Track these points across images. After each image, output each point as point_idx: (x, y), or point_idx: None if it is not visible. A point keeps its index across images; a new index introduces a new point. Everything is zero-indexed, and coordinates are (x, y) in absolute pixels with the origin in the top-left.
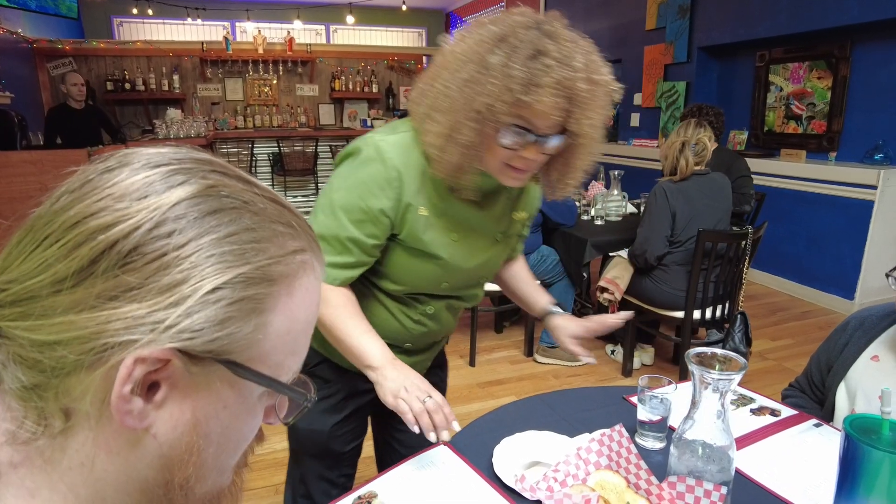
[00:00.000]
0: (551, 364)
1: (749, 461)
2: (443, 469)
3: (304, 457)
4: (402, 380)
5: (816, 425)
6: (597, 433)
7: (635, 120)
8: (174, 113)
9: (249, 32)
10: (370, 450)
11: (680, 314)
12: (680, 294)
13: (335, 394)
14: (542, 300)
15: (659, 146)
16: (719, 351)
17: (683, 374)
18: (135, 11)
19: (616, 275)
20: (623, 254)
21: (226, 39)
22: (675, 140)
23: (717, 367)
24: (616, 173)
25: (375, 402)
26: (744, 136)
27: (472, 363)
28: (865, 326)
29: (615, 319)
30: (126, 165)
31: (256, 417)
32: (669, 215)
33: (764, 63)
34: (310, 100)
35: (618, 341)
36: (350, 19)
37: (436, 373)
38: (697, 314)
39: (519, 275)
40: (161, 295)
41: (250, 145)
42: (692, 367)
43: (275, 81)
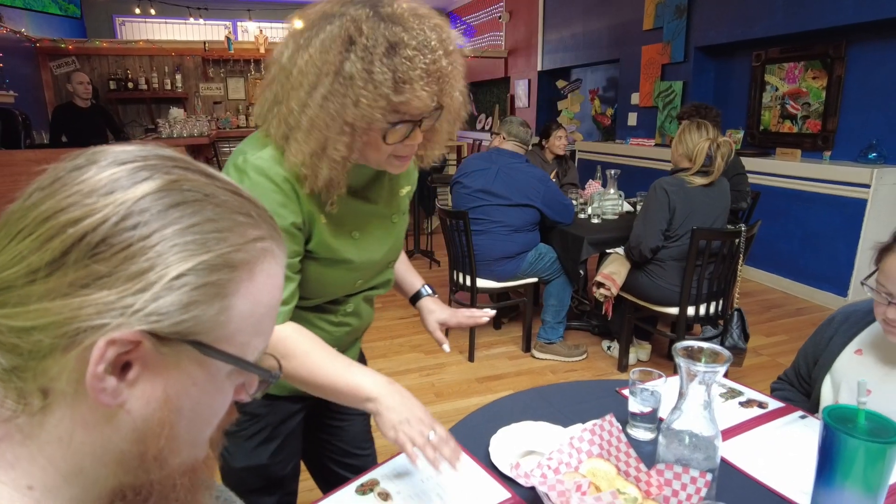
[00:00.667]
0: (549, 360)
1: (735, 451)
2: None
3: (248, 495)
4: (405, 411)
5: (802, 417)
6: (589, 423)
7: (632, 119)
8: (177, 112)
9: (251, 32)
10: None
11: (674, 310)
12: (674, 290)
13: (266, 426)
14: (417, 282)
15: (660, 145)
16: (705, 345)
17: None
18: (137, 11)
19: (613, 270)
20: (620, 250)
21: (228, 39)
22: (702, 141)
23: (704, 360)
24: (612, 172)
25: (307, 418)
26: (740, 136)
27: (471, 358)
28: (850, 321)
29: (482, 316)
30: (94, 163)
31: (226, 394)
32: (667, 211)
33: (760, 63)
34: None
35: (614, 337)
36: None
37: None
38: (692, 311)
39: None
40: (129, 282)
41: None
42: (679, 360)
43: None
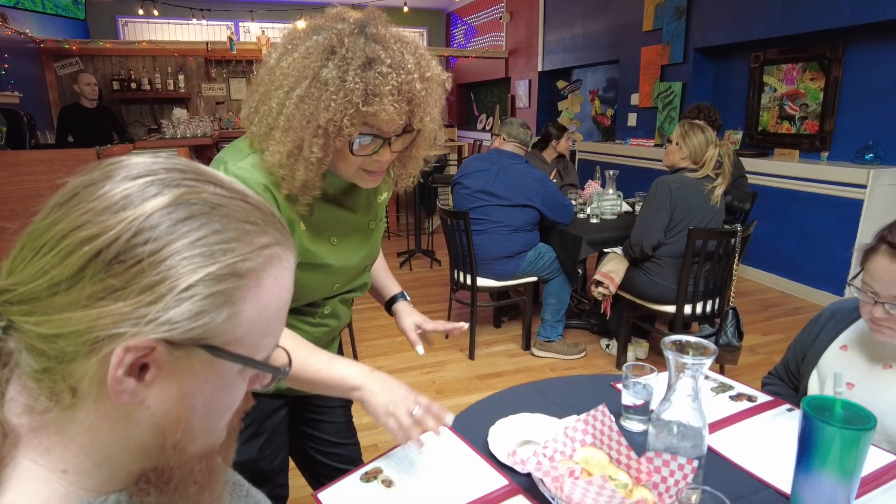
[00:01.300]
0: (548, 357)
1: (724, 442)
2: (442, 447)
3: None
4: (388, 393)
5: (789, 410)
6: (583, 414)
7: (632, 120)
8: (180, 112)
9: (253, 32)
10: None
11: (671, 308)
12: (672, 288)
13: (252, 423)
14: (396, 288)
15: (659, 145)
16: (693, 338)
17: None
18: (140, 12)
19: (611, 269)
20: (618, 250)
21: (230, 39)
22: (710, 147)
23: (691, 353)
24: (611, 173)
25: (291, 413)
26: (738, 136)
27: (472, 356)
28: (837, 318)
29: (455, 329)
30: (108, 178)
31: (238, 388)
32: (669, 208)
33: (758, 64)
34: None
35: (613, 336)
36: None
37: None
38: (689, 309)
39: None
40: (142, 294)
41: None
42: (668, 353)
43: (258, 66)
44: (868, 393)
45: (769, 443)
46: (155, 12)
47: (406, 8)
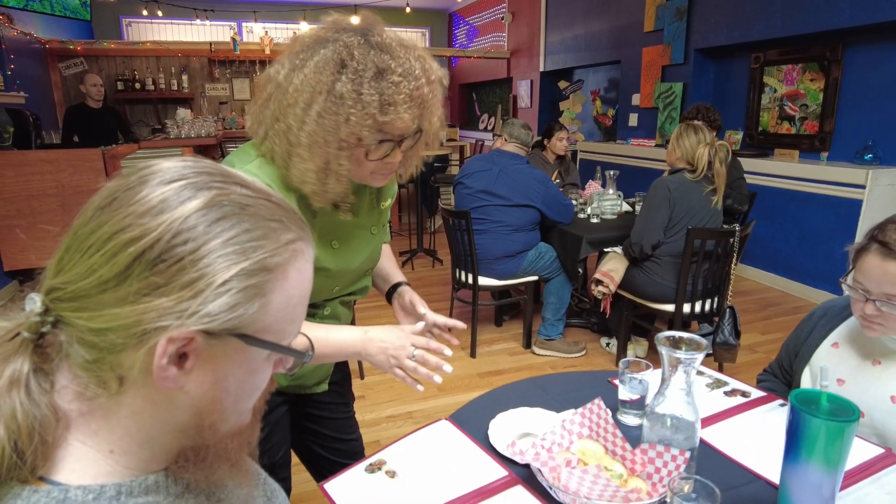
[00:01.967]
0: (549, 356)
1: (717, 435)
2: (444, 439)
3: None
4: (385, 348)
5: (781, 405)
6: (580, 408)
7: (633, 120)
8: (184, 113)
9: (256, 33)
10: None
11: (670, 307)
12: (671, 287)
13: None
14: (399, 276)
15: (660, 145)
16: (685, 334)
17: None
18: (144, 13)
19: (611, 268)
20: (618, 249)
21: (233, 40)
22: (701, 146)
23: (684, 348)
24: (611, 173)
25: (292, 412)
26: (739, 137)
27: (473, 354)
28: (828, 316)
29: (444, 322)
30: (144, 183)
31: (265, 372)
32: (669, 208)
33: (758, 65)
34: None
35: (613, 334)
36: (355, 19)
37: (338, 368)
38: (688, 308)
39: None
40: (183, 290)
41: None
42: (661, 349)
43: (259, 77)
44: (858, 388)
45: (761, 436)
46: (159, 13)
47: (408, 8)
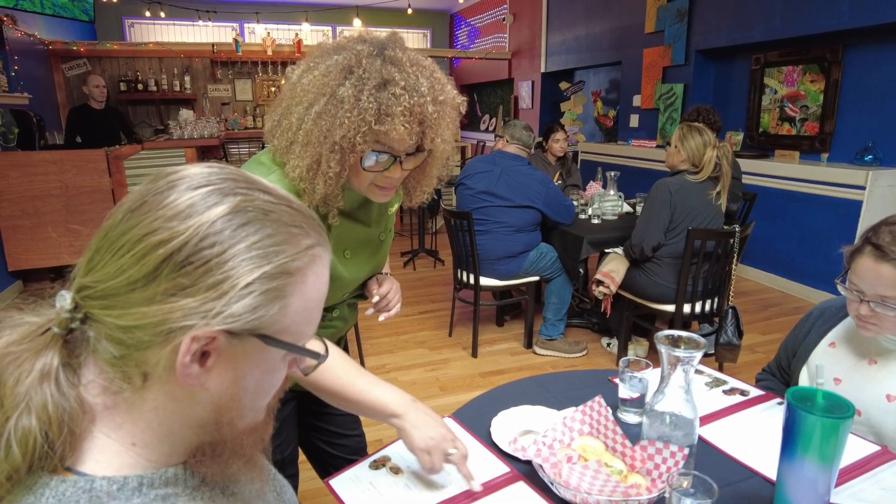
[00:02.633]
0: (550, 356)
1: (716, 433)
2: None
3: None
4: (428, 430)
5: (779, 403)
6: (581, 406)
7: (634, 121)
8: (187, 113)
9: (258, 34)
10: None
11: (671, 307)
12: (671, 287)
13: None
14: (384, 268)
15: (661, 146)
16: (684, 333)
17: None
18: (147, 14)
19: (612, 268)
20: (618, 250)
21: (235, 41)
22: (708, 149)
23: (683, 347)
24: (612, 174)
25: (299, 408)
26: (739, 138)
27: (475, 354)
28: (825, 316)
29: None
30: (173, 188)
31: (281, 371)
32: (669, 210)
33: (759, 66)
34: None
35: (614, 334)
36: (357, 21)
37: None
38: (688, 308)
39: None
40: (208, 291)
41: (261, 145)
42: (661, 347)
43: (283, 82)
44: (854, 387)
45: (759, 434)
46: (161, 14)
47: (410, 10)
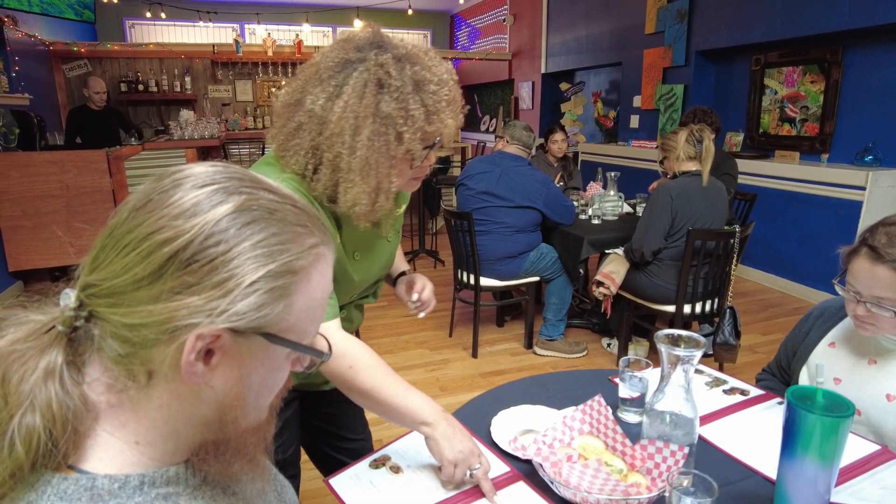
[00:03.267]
0: (550, 356)
1: (716, 432)
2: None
3: None
4: (458, 444)
5: (779, 403)
6: (581, 405)
7: (634, 122)
8: (187, 114)
9: (259, 35)
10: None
11: (671, 308)
12: (671, 288)
13: None
14: (403, 265)
15: (659, 146)
16: (684, 332)
17: None
18: (148, 14)
19: (612, 269)
20: (619, 251)
21: (236, 42)
22: (680, 133)
23: (683, 346)
24: (612, 174)
25: (303, 409)
26: (739, 138)
27: (475, 355)
28: (825, 316)
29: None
30: (178, 187)
31: (285, 370)
32: (670, 214)
33: (759, 67)
34: None
35: (614, 335)
36: (357, 22)
37: None
38: (688, 308)
39: None
40: (213, 289)
41: (261, 146)
42: (661, 346)
43: (283, 83)
44: (854, 387)
45: (759, 433)
46: (162, 15)
47: (410, 10)
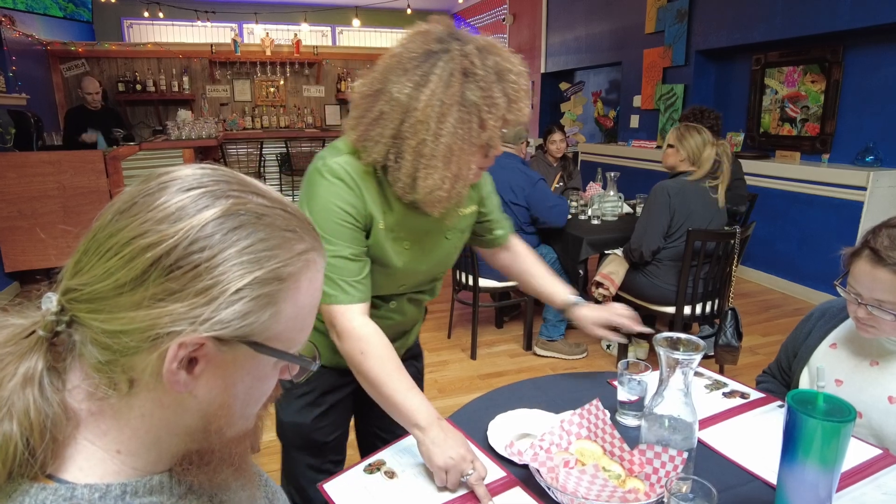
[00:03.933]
0: (550, 357)
1: (716, 436)
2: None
3: (291, 449)
4: (448, 449)
5: (780, 406)
6: (578, 409)
7: (635, 121)
8: (185, 114)
9: (257, 34)
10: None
11: (671, 309)
12: (671, 289)
13: (312, 390)
14: (562, 292)
15: (660, 146)
16: (683, 335)
17: None
18: (146, 14)
19: (611, 270)
20: (618, 251)
21: (234, 41)
22: (707, 146)
23: (682, 349)
24: (612, 175)
25: (356, 394)
26: (740, 138)
27: (474, 356)
28: (826, 317)
29: (632, 324)
30: (164, 190)
31: (272, 379)
32: (668, 213)
33: (759, 66)
34: (316, 101)
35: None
36: (356, 22)
37: (412, 363)
38: (688, 310)
39: (531, 271)
40: (197, 296)
41: (259, 146)
42: (659, 349)
43: (282, 83)
44: (855, 388)
45: (759, 437)
46: (160, 14)
47: (409, 10)
